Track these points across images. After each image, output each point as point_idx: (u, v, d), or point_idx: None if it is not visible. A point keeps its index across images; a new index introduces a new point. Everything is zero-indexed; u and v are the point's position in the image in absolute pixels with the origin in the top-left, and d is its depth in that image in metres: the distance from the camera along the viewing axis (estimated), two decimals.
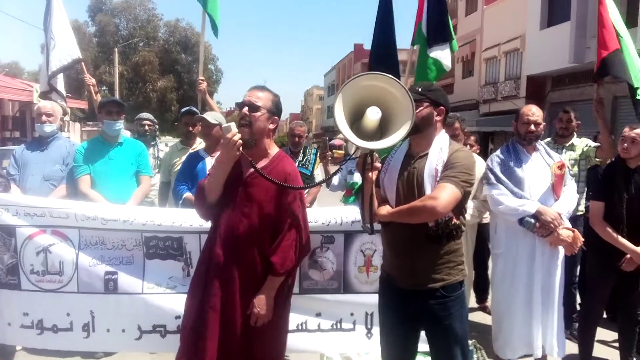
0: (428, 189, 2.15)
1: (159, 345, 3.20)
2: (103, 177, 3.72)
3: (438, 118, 2.27)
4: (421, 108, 2.20)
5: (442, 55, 4.35)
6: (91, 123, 21.81)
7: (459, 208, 2.20)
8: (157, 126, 5.01)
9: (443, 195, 2.07)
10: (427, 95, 2.23)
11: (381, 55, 4.36)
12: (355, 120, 2.06)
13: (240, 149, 2.16)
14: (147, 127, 4.81)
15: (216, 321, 2.23)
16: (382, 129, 2.04)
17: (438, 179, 2.14)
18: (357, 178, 3.97)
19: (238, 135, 2.14)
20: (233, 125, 2.16)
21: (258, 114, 2.25)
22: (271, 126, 2.32)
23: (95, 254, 3.19)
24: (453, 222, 2.16)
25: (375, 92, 1.99)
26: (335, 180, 4.25)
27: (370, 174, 2.12)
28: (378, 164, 2.20)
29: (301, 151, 4.71)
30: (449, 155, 2.18)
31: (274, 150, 2.40)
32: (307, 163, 4.67)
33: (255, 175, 2.27)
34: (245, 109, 2.23)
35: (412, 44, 4.66)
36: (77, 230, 3.20)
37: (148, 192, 3.96)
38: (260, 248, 2.29)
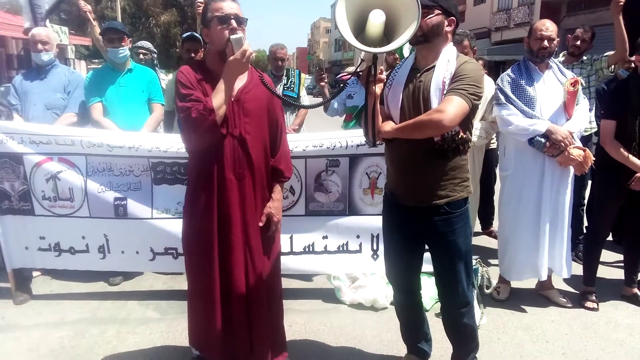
0: (434, 103, 2.06)
1: (172, 266, 3.32)
2: (115, 105, 3.68)
3: (448, 29, 2.14)
4: (431, 15, 2.07)
5: None
6: (97, 61, 21.47)
7: (466, 122, 2.12)
8: (154, 55, 4.84)
9: (450, 108, 1.99)
10: (438, 3, 2.10)
11: None
12: (360, 33, 1.96)
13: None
14: (141, 56, 4.62)
15: (239, 240, 2.23)
16: (388, 38, 1.94)
17: (445, 92, 2.06)
18: (355, 102, 3.88)
19: (250, 47, 2.05)
20: (243, 36, 2.04)
21: (243, 26, 2.13)
22: None
23: (103, 180, 3.24)
24: (460, 136, 2.09)
25: (379, 1, 1.88)
26: (333, 103, 4.17)
27: (374, 86, 2.06)
28: (383, 76, 2.12)
29: (284, 74, 4.58)
30: (457, 67, 2.08)
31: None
32: (292, 85, 4.55)
33: (247, 90, 2.21)
34: (234, 23, 2.08)
35: None
36: (83, 157, 3.23)
37: (161, 120, 3.92)
38: (266, 160, 2.29)
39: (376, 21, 1.86)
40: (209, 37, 2.18)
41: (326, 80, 4.16)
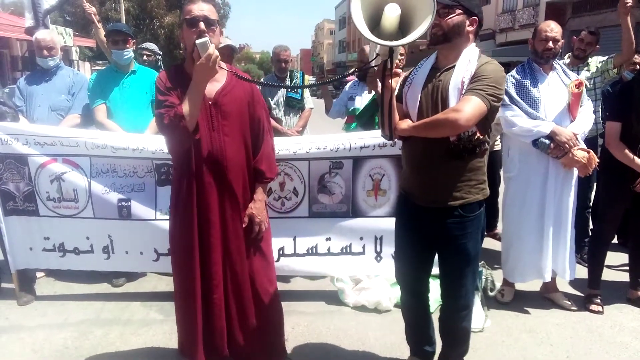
0: (453, 102, 2.04)
1: None
2: (119, 107, 3.68)
3: (470, 29, 2.10)
4: (452, 15, 2.05)
5: None
6: (101, 62, 21.57)
7: (484, 123, 2.08)
8: (158, 57, 4.84)
9: (467, 108, 1.96)
10: (460, 2, 2.07)
11: None
12: (375, 27, 1.95)
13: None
14: (145, 57, 4.62)
15: (217, 243, 2.24)
16: (403, 32, 1.93)
17: (464, 91, 2.03)
18: (357, 104, 3.88)
19: (215, 50, 2.02)
20: (208, 39, 2.01)
21: (214, 27, 2.10)
22: (220, 39, 2.22)
23: (107, 181, 3.25)
24: (477, 137, 2.05)
25: None
26: (335, 105, 4.16)
27: (389, 80, 2.03)
28: (399, 70, 2.10)
29: (288, 76, 4.57)
30: (477, 68, 2.05)
31: (223, 64, 2.25)
32: None
33: (225, 92, 2.20)
34: (202, 25, 2.05)
35: None
36: (88, 158, 3.24)
37: None
38: (248, 162, 2.29)
39: (391, 15, 1.84)
40: (183, 40, 2.17)
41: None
